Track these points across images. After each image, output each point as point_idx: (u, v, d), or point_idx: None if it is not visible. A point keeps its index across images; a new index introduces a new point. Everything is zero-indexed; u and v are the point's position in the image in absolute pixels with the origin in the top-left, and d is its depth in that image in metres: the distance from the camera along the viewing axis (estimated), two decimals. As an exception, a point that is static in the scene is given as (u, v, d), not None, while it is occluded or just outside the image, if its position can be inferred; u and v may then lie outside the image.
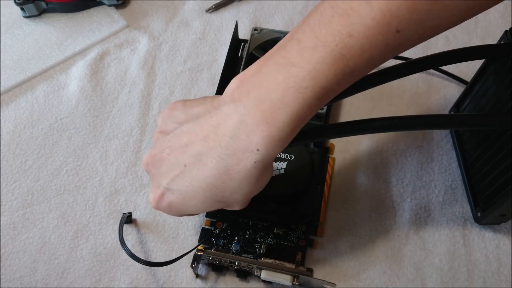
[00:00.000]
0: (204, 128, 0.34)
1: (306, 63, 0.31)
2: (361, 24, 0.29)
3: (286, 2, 0.62)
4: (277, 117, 0.32)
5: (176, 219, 0.47)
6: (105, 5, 0.61)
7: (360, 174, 0.50)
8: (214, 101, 0.35)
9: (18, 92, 0.55)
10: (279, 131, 0.32)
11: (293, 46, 0.32)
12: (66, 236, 0.47)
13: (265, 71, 0.33)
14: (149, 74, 0.57)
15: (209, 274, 0.45)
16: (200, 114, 0.35)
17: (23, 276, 0.45)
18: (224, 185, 0.34)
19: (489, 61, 0.44)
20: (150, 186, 0.38)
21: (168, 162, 0.36)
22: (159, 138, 0.37)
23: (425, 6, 0.28)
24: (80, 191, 0.49)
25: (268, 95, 0.32)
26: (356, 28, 0.29)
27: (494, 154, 0.43)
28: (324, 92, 0.31)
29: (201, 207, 0.36)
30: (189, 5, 0.62)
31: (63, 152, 0.51)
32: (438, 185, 0.49)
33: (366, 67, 0.31)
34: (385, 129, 0.36)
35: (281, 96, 0.31)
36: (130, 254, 0.41)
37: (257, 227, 0.45)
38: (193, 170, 0.34)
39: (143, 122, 0.53)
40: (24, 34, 0.59)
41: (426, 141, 0.52)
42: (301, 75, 0.31)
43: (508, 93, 0.41)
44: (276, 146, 0.32)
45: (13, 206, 0.48)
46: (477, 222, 0.47)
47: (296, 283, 0.41)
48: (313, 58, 0.30)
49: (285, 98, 0.31)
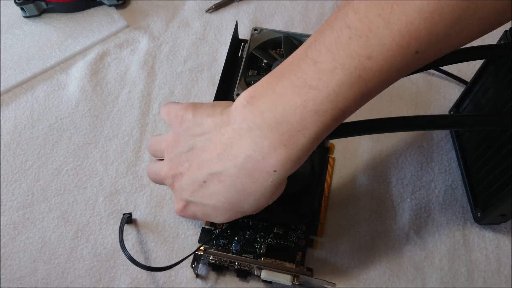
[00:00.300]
0: (216, 146, 0.35)
1: (325, 86, 0.30)
2: (380, 46, 0.28)
3: (286, 2, 0.62)
4: (296, 140, 0.32)
5: (176, 219, 0.47)
6: (105, 5, 0.61)
7: (360, 174, 0.50)
8: (224, 114, 0.35)
9: (18, 92, 0.55)
10: (297, 152, 0.32)
11: (309, 66, 0.31)
12: (66, 236, 0.47)
13: (279, 91, 0.32)
14: (149, 74, 0.57)
15: (209, 274, 0.45)
16: (210, 129, 0.35)
17: (23, 276, 0.45)
18: (242, 200, 0.35)
19: (489, 61, 0.44)
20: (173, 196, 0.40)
21: (188, 177, 0.37)
22: (175, 149, 0.37)
23: (444, 29, 0.28)
24: (80, 191, 0.49)
25: (285, 117, 0.31)
26: (376, 50, 0.29)
27: (494, 154, 0.43)
28: (341, 113, 0.31)
29: (223, 218, 0.38)
30: (189, 5, 0.62)
31: (63, 152, 0.51)
32: (438, 185, 0.49)
33: (383, 87, 0.31)
34: (385, 129, 0.36)
35: (299, 119, 0.31)
36: (130, 258, 0.41)
37: (257, 227, 0.45)
38: (211, 187, 0.35)
39: (143, 122, 0.53)
40: (24, 34, 0.59)
41: (426, 141, 0.52)
42: (319, 99, 0.30)
43: (508, 93, 0.41)
44: (293, 166, 0.33)
45: (13, 206, 0.48)
46: (477, 222, 0.47)
47: (296, 283, 0.41)
48: (332, 81, 0.30)
49: (304, 121, 0.31)
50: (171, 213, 0.48)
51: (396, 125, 0.35)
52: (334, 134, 0.34)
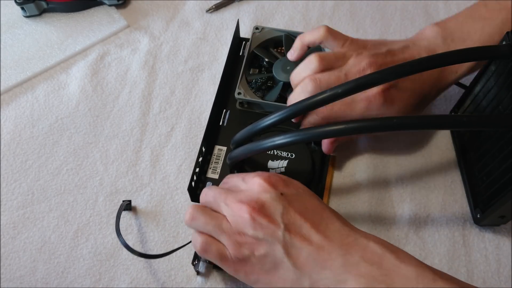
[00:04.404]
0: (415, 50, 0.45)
1: (495, 17, 0.45)
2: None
3: (286, 2, 0.62)
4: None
5: (176, 219, 0.47)
6: (105, 5, 0.61)
7: (360, 174, 0.50)
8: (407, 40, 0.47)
9: (18, 91, 0.55)
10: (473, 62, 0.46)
11: (481, 8, 0.47)
12: (66, 235, 0.47)
13: (462, 20, 0.46)
14: (149, 74, 0.57)
15: (209, 271, 0.45)
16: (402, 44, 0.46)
17: (23, 276, 0.45)
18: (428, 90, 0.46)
19: (490, 63, 0.44)
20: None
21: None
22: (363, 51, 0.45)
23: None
24: (81, 191, 0.49)
25: (469, 36, 0.45)
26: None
27: (494, 156, 0.43)
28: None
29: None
30: (189, 5, 0.62)
31: (63, 151, 0.51)
32: (438, 185, 0.49)
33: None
34: (385, 129, 0.36)
35: (479, 37, 0.45)
36: (125, 245, 0.41)
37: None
38: (414, 76, 0.41)
39: (143, 122, 0.53)
40: (24, 33, 0.59)
41: (426, 141, 0.52)
42: (492, 25, 0.45)
43: (509, 94, 0.41)
44: (466, 73, 0.46)
45: (13, 206, 0.48)
46: (476, 223, 0.47)
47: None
48: (500, 16, 0.45)
49: (482, 40, 0.45)
50: (171, 213, 0.48)
51: (396, 125, 0.35)
52: (333, 133, 0.34)
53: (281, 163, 0.45)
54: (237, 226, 0.36)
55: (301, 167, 0.45)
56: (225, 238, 0.37)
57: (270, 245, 0.35)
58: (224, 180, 0.42)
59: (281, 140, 0.38)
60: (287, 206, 0.36)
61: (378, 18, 0.61)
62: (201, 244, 0.38)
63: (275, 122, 0.39)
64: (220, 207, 0.38)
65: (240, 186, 0.39)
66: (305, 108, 0.38)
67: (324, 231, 0.36)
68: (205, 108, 0.54)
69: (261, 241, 0.36)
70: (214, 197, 0.39)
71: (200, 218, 0.38)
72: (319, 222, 0.36)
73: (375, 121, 0.35)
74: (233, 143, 0.43)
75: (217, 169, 0.47)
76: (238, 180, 0.40)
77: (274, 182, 0.37)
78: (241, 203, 0.36)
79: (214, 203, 0.39)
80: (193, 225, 0.39)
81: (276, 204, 0.36)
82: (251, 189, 0.37)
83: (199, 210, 0.38)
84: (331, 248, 0.35)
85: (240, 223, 0.36)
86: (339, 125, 0.36)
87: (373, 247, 0.35)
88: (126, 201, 0.47)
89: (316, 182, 0.46)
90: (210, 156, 0.48)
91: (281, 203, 0.36)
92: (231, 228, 0.37)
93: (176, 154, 0.51)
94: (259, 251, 0.36)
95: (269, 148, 0.39)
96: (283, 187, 0.37)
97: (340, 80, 0.43)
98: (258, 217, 0.35)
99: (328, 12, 0.61)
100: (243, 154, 0.42)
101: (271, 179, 0.37)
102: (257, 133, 0.41)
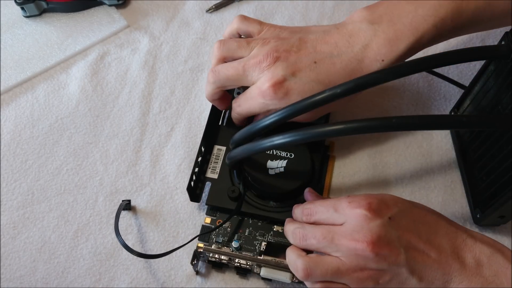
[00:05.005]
0: (334, 36, 0.43)
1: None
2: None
3: (286, 2, 0.62)
4: (405, 35, 0.41)
5: (175, 219, 0.47)
6: (105, 5, 0.61)
7: (360, 174, 0.50)
8: (335, 24, 0.44)
9: (18, 91, 0.55)
10: (404, 47, 0.41)
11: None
12: (66, 235, 0.47)
13: (394, 2, 0.43)
14: (149, 74, 0.57)
15: (209, 271, 0.45)
16: (325, 29, 0.44)
17: (23, 276, 0.45)
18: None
19: (489, 62, 0.44)
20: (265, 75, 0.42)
21: (297, 56, 0.42)
22: (271, 39, 0.43)
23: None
24: (80, 191, 0.49)
25: (400, 19, 0.42)
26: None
27: (494, 155, 0.43)
28: (441, 22, 0.42)
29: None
30: (189, 5, 0.62)
31: (63, 151, 0.51)
32: (438, 185, 0.49)
33: (471, 12, 0.42)
34: (384, 129, 0.36)
35: (411, 20, 0.42)
36: (124, 245, 0.41)
37: (257, 225, 0.45)
38: (321, 67, 0.41)
39: (143, 122, 0.53)
40: (24, 33, 0.59)
41: (426, 141, 0.52)
42: (426, 7, 0.42)
43: (508, 94, 0.41)
44: (397, 60, 0.42)
45: (13, 206, 0.48)
46: (476, 223, 0.47)
47: (296, 280, 0.41)
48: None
49: (414, 22, 0.42)
50: (171, 213, 0.48)
51: (396, 125, 0.35)
52: (333, 133, 0.34)
53: (280, 163, 0.45)
54: (357, 264, 0.36)
55: (300, 167, 0.45)
56: (347, 279, 0.36)
57: (394, 271, 0.36)
58: (307, 211, 0.40)
59: (280, 140, 0.37)
60: (398, 228, 0.36)
61: (378, 18, 0.61)
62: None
63: (274, 122, 0.39)
64: (328, 249, 0.37)
65: (336, 219, 0.38)
66: (305, 107, 0.38)
67: (436, 242, 0.36)
68: (205, 108, 0.54)
69: (385, 270, 0.36)
70: (317, 239, 0.37)
71: (316, 271, 0.37)
72: (429, 232, 0.37)
73: (375, 121, 0.35)
74: (232, 143, 0.43)
75: (216, 169, 0.47)
76: (329, 212, 0.38)
77: (376, 208, 0.36)
78: (356, 241, 0.35)
79: (319, 244, 0.37)
80: (311, 279, 0.37)
81: (390, 231, 0.36)
82: (357, 223, 0.36)
83: (311, 263, 0.37)
84: (447, 258, 0.36)
85: (361, 261, 0.36)
86: (339, 125, 0.36)
87: (481, 247, 0.36)
88: (125, 201, 0.47)
89: (316, 182, 0.46)
90: (209, 156, 0.48)
91: (393, 227, 0.36)
92: (350, 267, 0.36)
93: (176, 154, 0.51)
94: (384, 279, 0.36)
95: (268, 148, 0.39)
96: (386, 210, 0.37)
97: (238, 72, 0.43)
98: (380, 251, 0.35)
99: (328, 12, 0.61)
100: (242, 154, 0.42)
101: (372, 205, 0.36)
102: (256, 133, 0.41)
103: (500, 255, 0.36)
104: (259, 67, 0.42)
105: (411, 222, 0.37)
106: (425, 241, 0.36)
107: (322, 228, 0.38)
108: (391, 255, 0.35)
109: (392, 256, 0.35)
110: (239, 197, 0.45)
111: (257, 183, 0.44)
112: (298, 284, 0.42)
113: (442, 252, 0.36)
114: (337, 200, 0.39)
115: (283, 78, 0.41)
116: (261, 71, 0.42)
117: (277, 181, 0.44)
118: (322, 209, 0.39)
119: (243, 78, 0.43)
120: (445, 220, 0.38)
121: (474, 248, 0.36)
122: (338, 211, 0.38)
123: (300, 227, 0.39)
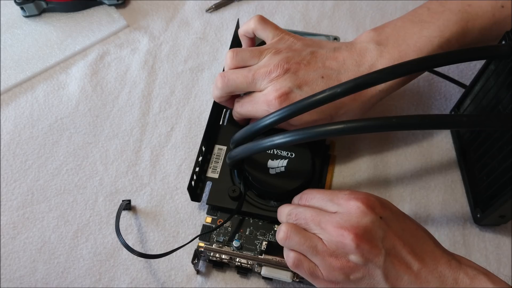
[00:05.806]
0: (343, 54, 0.44)
1: (436, 20, 0.44)
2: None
3: (286, 2, 0.62)
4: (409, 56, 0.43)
5: (176, 219, 0.47)
6: (105, 5, 0.61)
7: (360, 173, 0.50)
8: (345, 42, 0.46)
9: (18, 91, 0.55)
10: None
11: (423, 11, 0.45)
12: (66, 235, 0.47)
13: (400, 24, 0.45)
14: (149, 74, 0.57)
15: (209, 271, 0.45)
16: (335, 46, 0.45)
17: (23, 276, 0.45)
18: (345, 104, 0.43)
19: (490, 62, 0.44)
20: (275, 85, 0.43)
21: (306, 70, 0.43)
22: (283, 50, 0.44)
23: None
24: (80, 191, 0.49)
25: (405, 40, 0.44)
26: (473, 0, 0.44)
27: (494, 155, 0.43)
28: (446, 43, 0.43)
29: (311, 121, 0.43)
30: (189, 5, 0.62)
31: (63, 151, 0.51)
32: (438, 185, 0.49)
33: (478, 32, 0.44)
34: (384, 129, 0.36)
35: (415, 41, 0.43)
36: (125, 244, 0.41)
37: (257, 224, 0.45)
38: (328, 82, 0.43)
39: (143, 122, 0.53)
40: (24, 33, 0.59)
41: (426, 141, 0.52)
42: (432, 28, 0.44)
43: (508, 94, 0.41)
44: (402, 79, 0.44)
45: (13, 206, 0.48)
46: (476, 223, 0.47)
47: (296, 279, 0.41)
48: (441, 18, 0.44)
49: (418, 43, 0.43)
50: (171, 212, 0.48)
51: (396, 125, 0.35)
52: (334, 133, 0.34)
53: (280, 162, 0.45)
54: (336, 251, 0.36)
55: (301, 166, 0.45)
56: (319, 259, 0.37)
57: (369, 270, 0.36)
58: (304, 197, 0.41)
59: (281, 139, 0.38)
60: (387, 230, 0.36)
61: (378, 18, 0.61)
62: (293, 260, 0.38)
63: (274, 121, 0.39)
64: (313, 229, 0.37)
65: (329, 208, 0.38)
66: (304, 107, 0.38)
67: (420, 255, 0.36)
68: (205, 108, 0.54)
69: (360, 266, 0.36)
70: (305, 220, 0.38)
71: (294, 238, 0.38)
72: (415, 245, 0.36)
73: (375, 121, 0.35)
74: (233, 142, 0.43)
75: (217, 169, 0.47)
76: (324, 201, 0.39)
77: (372, 204, 0.37)
78: (342, 229, 0.36)
79: (306, 225, 0.38)
80: (287, 244, 0.38)
81: (377, 229, 0.36)
82: (349, 212, 0.37)
83: (293, 229, 0.38)
84: (427, 274, 0.35)
85: (341, 248, 0.36)
86: (339, 125, 0.36)
87: (465, 270, 0.36)
88: (125, 201, 0.47)
89: (316, 182, 0.46)
90: (210, 155, 0.48)
91: (382, 227, 0.36)
92: (327, 250, 0.36)
93: (176, 154, 0.51)
94: (355, 275, 0.36)
95: (268, 147, 0.39)
96: (380, 209, 0.37)
97: (247, 80, 0.43)
98: (361, 244, 0.35)
99: (328, 12, 0.61)
100: (242, 154, 0.42)
101: (369, 201, 0.37)
102: (256, 133, 0.41)
103: (484, 276, 0.35)
104: (269, 77, 0.43)
105: (400, 230, 0.37)
106: (410, 251, 0.36)
107: (313, 211, 0.39)
108: (371, 251, 0.35)
109: (372, 254, 0.35)
110: (240, 196, 0.45)
111: (258, 182, 0.44)
112: (298, 283, 0.42)
113: (424, 267, 0.35)
114: (336, 192, 0.39)
115: (289, 90, 0.42)
116: (270, 81, 0.43)
117: (278, 181, 0.44)
118: (319, 196, 0.40)
119: (251, 85, 0.44)
120: (434, 240, 0.38)
121: (458, 270, 0.36)
122: (333, 201, 0.39)
123: (294, 208, 0.40)
